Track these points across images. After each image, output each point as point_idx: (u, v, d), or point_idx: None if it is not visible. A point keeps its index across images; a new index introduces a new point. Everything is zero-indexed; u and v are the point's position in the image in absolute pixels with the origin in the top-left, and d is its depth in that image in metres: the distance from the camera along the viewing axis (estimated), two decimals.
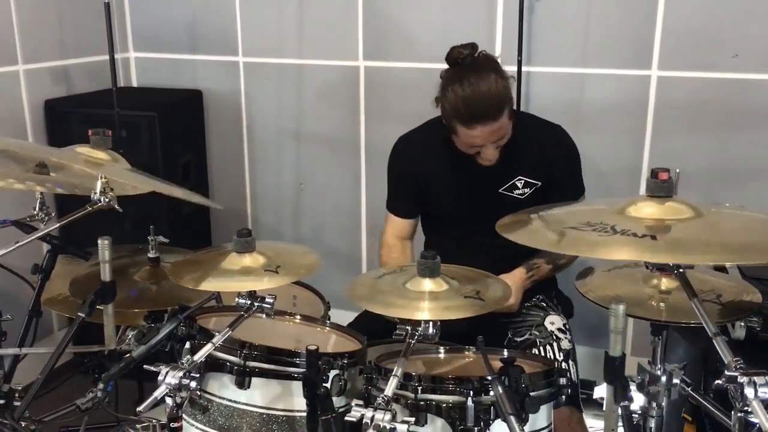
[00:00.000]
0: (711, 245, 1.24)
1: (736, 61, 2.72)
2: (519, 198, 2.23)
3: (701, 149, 2.83)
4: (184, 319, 1.64)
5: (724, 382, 1.15)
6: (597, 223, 1.28)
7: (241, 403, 1.62)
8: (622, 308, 1.31)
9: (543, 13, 2.88)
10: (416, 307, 1.44)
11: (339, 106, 3.29)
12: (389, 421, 1.29)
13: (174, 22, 3.45)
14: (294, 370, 1.62)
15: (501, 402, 1.39)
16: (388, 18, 3.12)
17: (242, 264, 1.60)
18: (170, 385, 1.40)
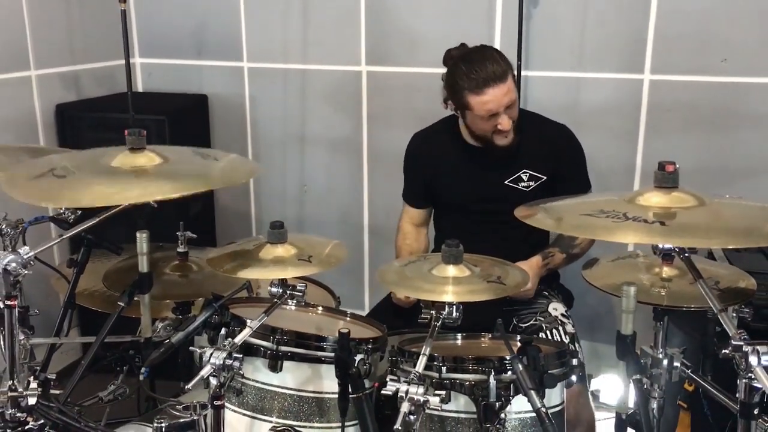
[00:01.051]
0: (716, 230, 1.36)
1: (724, 66, 2.86)
2: (524, 190, 2.36)
3: (692, 149, 2.97)
4: (218, 307, 1.73)
5: (731, 352, 1.26)
6: (610, 211, 1.40)
7: (273, 385, 1.72)
8: (633, 290, 1.43)
9: (540, 20, 3.01)
10: (442, 290, 1.55)
11: (342, 110, 3.40)
12: (422, 394, 1.39)
13: (179, 28, 3.54)
14: (323, 354, 1.72)
15: (522, 378, 1.50)
16: (389, 24, 3.23)
17: (275, 254, 1.70)
18: (215, 365, 1.49)
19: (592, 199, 1.58)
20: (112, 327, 2.02)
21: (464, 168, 2.43)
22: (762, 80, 2.83)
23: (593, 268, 1.90)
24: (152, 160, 1.74)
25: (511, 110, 2.27)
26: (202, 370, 1.50)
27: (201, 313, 1.74)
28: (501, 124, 2.25)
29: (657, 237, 1.32)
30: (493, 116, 2.25)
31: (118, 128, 3.21)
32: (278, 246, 1.71)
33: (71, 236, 1.80)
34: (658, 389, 1.77)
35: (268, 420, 1.72)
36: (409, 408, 1.38)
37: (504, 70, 2.24)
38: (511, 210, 2.36)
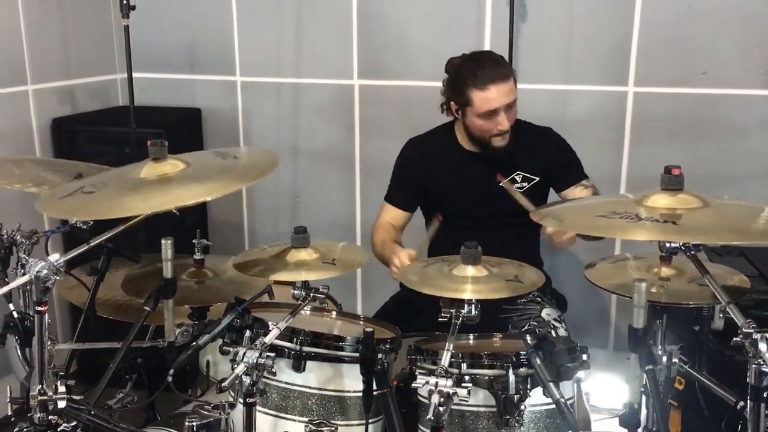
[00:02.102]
0: (724, 229, 1.47)
1: (704, 78, 3.00)
2: (519, 191, 2.45)
3: (674, 158, 3.00)
4: (242, 310, 1.80)
5: (741, 339, 1.36)
6: (622, 212, 1.50)
7: (297, 385, 1.79)
8: (645, 285, 1.53)
9: (528, 34, 3.12)
10: (464, 289, 1.64)
11: (334, 123, 3.48)
12: (451, 386, 1.47)
13: (172, 43, 3.59)
14: (345, 354, 1.79)
15: (541, 371, 1.59)
16: (381, 38, 3.33)
17: (299, 258, 1.78)
18: (248, 363, 1.55)
19: (602, 201, 1.68)
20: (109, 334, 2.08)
21: (459, 172, 2.52)
22: (740, 92, 2.98)
23: (595, 269, 2.00)
24: (176, 167, 1.81)
25: (510, 111, 2.38)
26: (236, 368, 1.55)
27: (225, 317, 1.80)
28: (500, 123, 2.36)
29: (670, 235, 1.41)
30: (492, 115, 2.35)
31: (115, 142, 3.32)
32: (302, 250, 1.78)
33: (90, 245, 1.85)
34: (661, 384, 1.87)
35: (291, 419, 1.78)
36: (438, 400, 1.45)
37: (508, 71, 2.39)
38: (505, 212, 2.49)
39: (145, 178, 1.81)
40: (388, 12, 3.30)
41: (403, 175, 2.62)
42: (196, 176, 1.79)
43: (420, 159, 2.58)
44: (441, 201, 2.57)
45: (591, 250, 2.58)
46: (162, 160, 1.87)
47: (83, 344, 1.96)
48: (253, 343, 1.60)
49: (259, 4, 3.45)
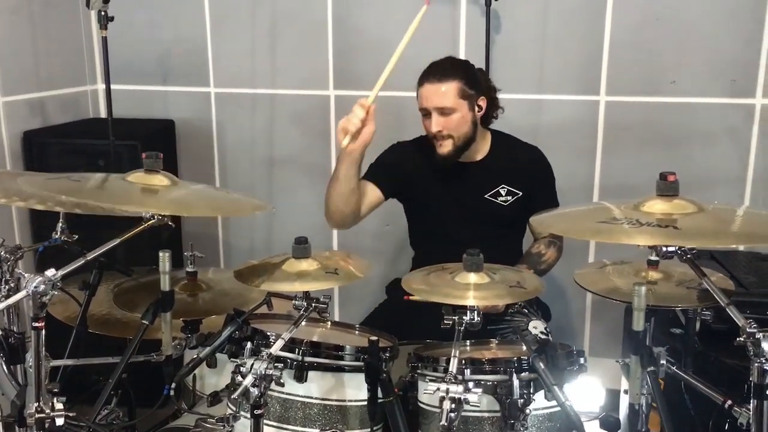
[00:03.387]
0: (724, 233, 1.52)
1: (673, 87, 3.09)
2: (502, 205, 2.50)
3: (646, 166, 3.18)
4: (242, 322, 1.79)
5: (745, 339, 1.41)
6: (622, 218, 1.54)
7: (298, 395, 1.79)
8: (644, 289, 1.57)
9: (502, 46, 3.18)
10: (469, 296, 1.66)
11: (310, 133, 3.49)
12: (462, 392, 1.49)
13: (144, 55, 3.56)
14: (346, 363, 1.80)
15: (545, 375, 1.62)
16: (357, 48, 3.35)
17: (300, 269, 1.78)
18: (257, 374, 1.55)
19: (599, 207, 1.72)
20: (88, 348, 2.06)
21: (444, 181, 2.55)
22: (708, 100, 3.08)
23: (586, 275, 2.04)
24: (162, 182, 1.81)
25: (444, 117, 2.39)
26: (245, 380, 1.55)
27: (225, 329, 1.80)
28: (427, 123, 2.41)
29: (674, 239, 1.46)
30: (425, 115, 2.42)
31: (87, 154, 3.26)
32: (302, 261, 1.78)
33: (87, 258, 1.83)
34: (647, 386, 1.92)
35: (294, 429, 1.78)
36: (450, 406, 1.47)
37: (448, 75, 2.40)
38: (487, 223, 2.53)
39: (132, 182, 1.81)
40: (363, 22, 3.33)
41: (382, 164, 2.59)
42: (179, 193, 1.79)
43: (402, 161, 2.60)
44: (422, 209, 2.59)
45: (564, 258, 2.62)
46: (154, 174, 1.86)
47: (78, 360, 1.93)
48: (259, 354, 1.60)
49: (232, 15, 3.44)
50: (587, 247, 3.29)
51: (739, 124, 3.08)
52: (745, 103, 3.05)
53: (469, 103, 2.40)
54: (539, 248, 2.50)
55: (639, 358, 1.59)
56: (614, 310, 3.09)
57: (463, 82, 2.41)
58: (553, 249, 2.51)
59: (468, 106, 2.40)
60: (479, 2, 3.13)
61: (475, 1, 3.17)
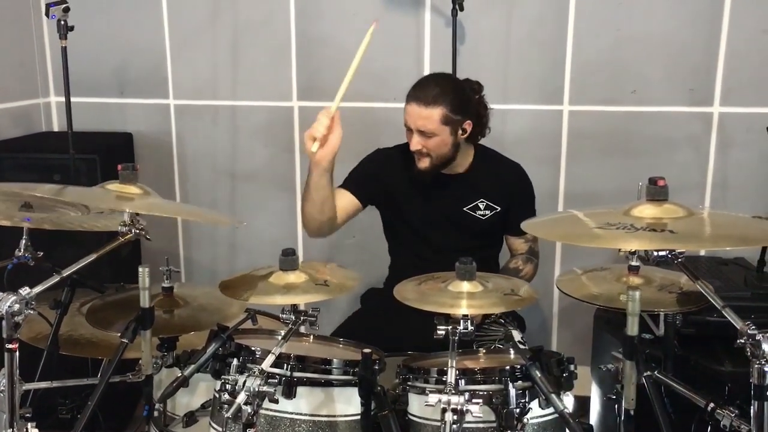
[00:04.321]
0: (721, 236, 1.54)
1: (634, 96, 3.15)
2: (481, 218, 2.50)
3: (609, 173, 3.23)
4: (227, 338, 1.74)
5: (746, 341, 1.43)
6: (617, 223, 1.55)
7: (288, 412, 1.74)
8: (638, 294, 1.57)
9: (466, 56, 3.18)
10: (462, 304, 1.64)
11: (274, 145, 3.43)
12: (464, 403, 1.47)
13: (99, 66, 3.45)
14: (335, 378, 1.76)
15: (542, 383, 1.60)
16: (320, 59, 3.31)
17: (287, 281, 1.73)
18: (250, 392, 1.50)
19: (591, 212, 1.72)
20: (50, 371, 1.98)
21: (425, 189, 2.53)
22: (667, 109, 3.15)
23: (568, 282, 2.04)
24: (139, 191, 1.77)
25: (424, 138, 2.39)
26: (237, 397, 1.50)
27: (209, 345, 1.74)
28: (410, 140, 2.42)
29: (671, 243, 1.47)
30: (409, 130, 2.42)
31: (42, 169, 3.15)
32: (290, 273, 1.74)
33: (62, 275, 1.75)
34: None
35: None
36: (452, 418, 1.45)
37: (434, 99, 2.37)
38: (464, 235, 2.52)
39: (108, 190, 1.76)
40: (327, 33, 3.30)
41: (362, 172, 2.58)
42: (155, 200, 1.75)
43: (382, 168, 2.58)
44: (400, 217, 2.57)
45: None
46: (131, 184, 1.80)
47: (51, 383, 1.84)
48: (246, 371, 1.55)
49: (192, 26, 3.38)
50: (554, 254, 3.32)
51: (697, 132, 3.15)
52: (703, 112, 3.12)
53: (452, 128, 2.40)
54: (517, 263, 2.51)
55: (634, 363, 1.59)
56: (581, 317, 3.13)
57: (449, 108, 2.38)
58: (530, 265, 2.53)
59: (450, 131, 2.39)
60: (444, 13, 3.14)
61: (439, 12, 3.18)
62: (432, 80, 2.48)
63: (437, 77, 2.53)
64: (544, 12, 3.14)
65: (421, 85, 2.43)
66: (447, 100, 2.39)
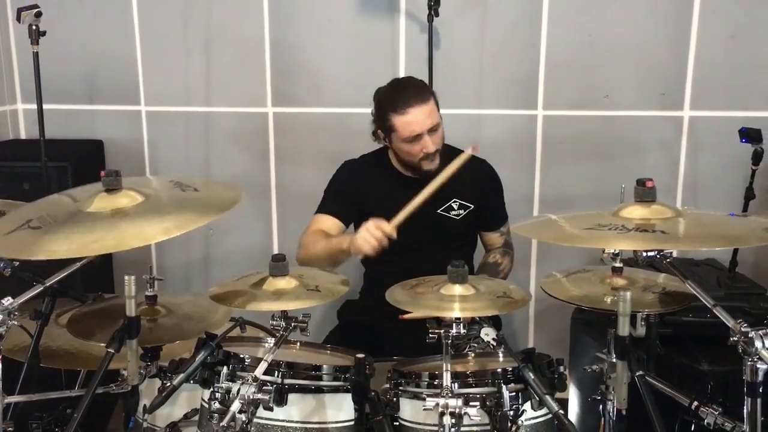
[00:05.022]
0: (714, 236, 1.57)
1: (606, 101, 3.19)
2: (455, 219, 2.50)
3: (583, 177, 3.27)
4: (215, 346, 1.71)
5: (739, 339, 1.45)
6: (608, 224, 1.56)
7: (279, 420, 1.71)
8: (629, 294, 1.59)
9: (441, 62, 3.19)
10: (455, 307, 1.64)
11: (248, 151, 3.41)
12: (461, 407, 1.46)
13: (68, 73, 3.40)
14: (325, 384, 1.74)
15: (536, 385, 1.61)
16: (295, 65, 3.30)
17: (278, 287, 1.71)
18: (245, 400, 1.48)
19: (581, 214, 1.74)
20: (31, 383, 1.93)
21: (396, 198, 2.51)
22: (639, 113, 3.20)
23: (552, 283, 2.05)
24: (133, 200, 1.71)
25: (434, 134, 2.39)
26: (231, 405, 1.47)
27: (198, 354, 1.71)
28: (425, 146, 2.37)
29: (664, 243, 1.49)
30: (416, 139, 2.37)
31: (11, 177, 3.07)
32: (281, 279, 1.72)
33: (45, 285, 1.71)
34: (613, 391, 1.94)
35: None
36: (451, 421, 1.44)
37: (425, 92, 2.40)
38: (440, 237, 2.52)
39: (98, 212, 1.69)
40: (301, 39, 3.29)
41: (338, 192, 2.57)
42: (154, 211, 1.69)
43: (356, 182, 2.57)
44: None
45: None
46: (116, 192, 1.75)
47: (33, 396, 1.79)
48: (236, 379, 1.53)
49: (164, 32, 3.34)
50: (529, 257, 3.34)
51: (668, 136, 3.20)
52: (673, 116, 3.18)
53: (437, 106, 2.43)
54: (495, 258, 2.52)
55: (626, 363, 1.60)
56: (558, 320, 3.16)
57: (433, 95, 2.43)
58: (507, 258, 2.54)
59: (438, 109, 2.43)
60: (419, 19, 3.15)
61: (414, 19, 3.19)
62: (409, 79, 2.51)
63: (407, 77, 2.56)
64: (518, 18, 3.17)
65: (404, 93, 2.40)
66: (430, 89, 2.44)
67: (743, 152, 3.02)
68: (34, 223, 1.68)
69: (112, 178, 1.76)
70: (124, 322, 1.71)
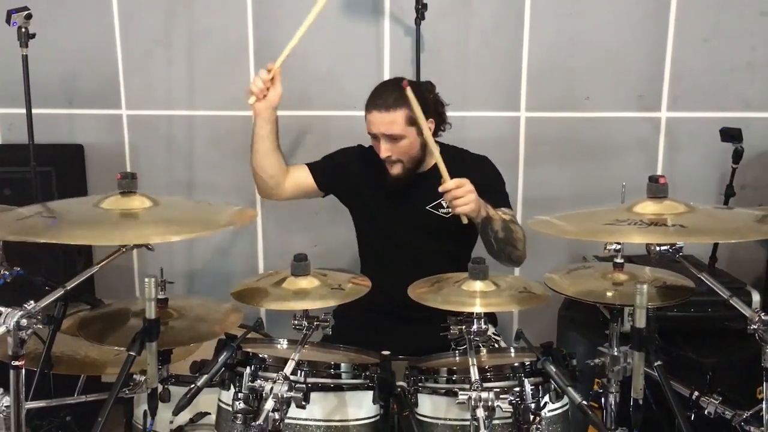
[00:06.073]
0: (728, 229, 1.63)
1: (588, 103, 3.27)
2: (444, 216, 2.52)
3: (565, 177, 3.34)
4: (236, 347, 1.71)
5: (759, 326, 1.51)
6: (625, 219, 1.61)
7: (302, 419, 1.72)
8: (646, 287, 1.64)
9: (426, 65, 3.23)
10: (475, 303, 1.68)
11: (232, 155, 3.38)
12: (493, 399, 1.49)
13: (44, 77, 3.31)
14: (345, 382, 1.75)
15: (558, 377, 1.65)
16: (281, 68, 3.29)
17: (300, 286, 1.72)
18: (278, 398, 1.48)
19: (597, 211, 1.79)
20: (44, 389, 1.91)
21: (388, 193, 2.55)
22: (618, 114, 3.28)
23: (556, 279, 2.10)
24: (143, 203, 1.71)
25: (393, 143, 2.42)
26: (265, 404, 1.48)
27: (220, 355, 1.71)
28: (379, 148, 2.45)
29: (682, 237, 1.55)
30: (375, 138, 2.45)
31: None
32: (302, 278, 1.73)
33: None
34: (615, 384, 2.00)
35: None
36: (484, 414, 1.47)
37: (394, 104, 2.40)
38: (431, 235, 2.55)
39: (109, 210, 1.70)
40: (286, 42, 3.25)
41: (332, 162, 2.64)
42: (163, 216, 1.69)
43: (350, 165, 2.62)
44: (368, 218, 2.58)
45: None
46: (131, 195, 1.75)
47: (51, 401, 1.76)
48: (275, 378, 1.53)
49: (145, 34, 3.30)
50: None
51: (647, 136, 3.29)
52: (651, 117, 3.28)
53: (417, 129, 2.41)
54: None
55: (644, 354, 1.65)
56: (543, 317, 3.21)
57: (407, 109, 2.39)
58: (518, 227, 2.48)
59: (416, 132, 2.42)
60: (403, 22, 3.19)
61: (398, 21, 3.22)
62: (389, 85, 2.51)
63: (393, 81, 2.54)
64: (501, 22, 3.23)
65: (379, 92, 2.46)
66: (408, 101, 2.42)
67: (718, 151, 3.15)
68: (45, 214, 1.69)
69: (129, 180, 1.75)
70: (144, 324, 1.70)
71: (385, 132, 2.40)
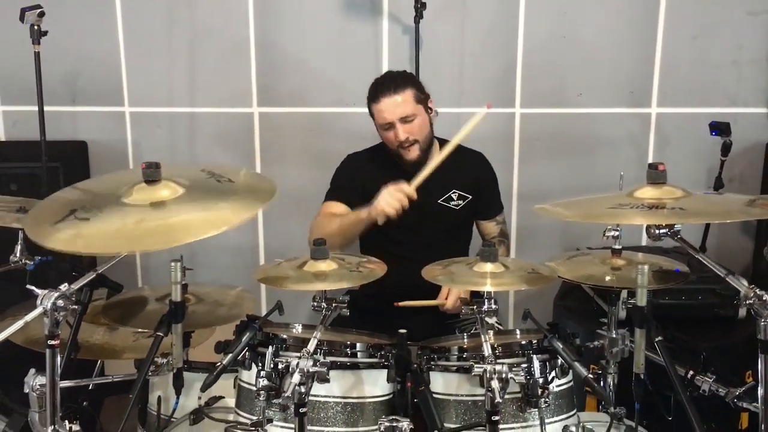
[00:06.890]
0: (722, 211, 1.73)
1: (581, 99, 3.38)
2: (455, 209, 2.62)
3: (558, 171, 3.44)
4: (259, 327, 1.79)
5: (754, 301, 1.60)
6: (628, 204, 1.71)
7: (321, 396, 1.80)
8: (647, 267, 1.74)
9: (423, 62, 3.31)
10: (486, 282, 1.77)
11: (233, 151, 3.46)
12: (507, 372, 1.58)
13: (48, 74, 3.36)
14: (361, 360, 1.84)
15: (565, 353, 1.74)
16: (280, 65, 3.38)
17: (320, 269, 1.81)
18: (304, 372, 1.56)
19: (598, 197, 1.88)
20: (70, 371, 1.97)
21: None
22: (610, 110, 3.39)
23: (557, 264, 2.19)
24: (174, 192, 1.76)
25: (408, 124, 2.51)
26: (292, 377, 1.55)
27: (243, 335, 1.78)
28: (396, 135, 2.51)
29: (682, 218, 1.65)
30: (390, 126, 2.52)
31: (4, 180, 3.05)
32: (322, 262, 1.81)
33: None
34: (613, 365, 2.09)
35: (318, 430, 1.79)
36: (498, 385, 1.56)
37: (401, 85, 2.52)
38: (440, 227, 2.64)
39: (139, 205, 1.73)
40: (286, 39, 3.36)
41: (343, 181, 2.67)
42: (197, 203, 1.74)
43: (357, 173, 2.68)
44: None
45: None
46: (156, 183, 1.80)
47: (82, 380, 1.83)
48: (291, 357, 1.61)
49: (148, 31, 3.36)
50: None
51: (637, 131, 3.40)
52: (642, 113, 3.38)
53: (424, 107, 2.55)
54: None
55: (645, 331, 1.75)
56: (538, 305, 3.30)
57: (415, 87, 2.55)
58: (503, 247, 2.67)
59: (424, 109, 2.55)
60: (401, 21, 3.27)
61: (396, 20, 3.30)
62: (386, 74, 2.65)
63: (387, 73, 2.68)
64: (496, 21, 3.32)
65: (380, 81, 2.56)
66: (410, 81, 2.56)
67: (706, 146, 3.26)
68: (80, 215, 1.70)
69: (153, 169, 1.81)
70: (170, 306, 1.77)
71: (400, 114, 2.48)
